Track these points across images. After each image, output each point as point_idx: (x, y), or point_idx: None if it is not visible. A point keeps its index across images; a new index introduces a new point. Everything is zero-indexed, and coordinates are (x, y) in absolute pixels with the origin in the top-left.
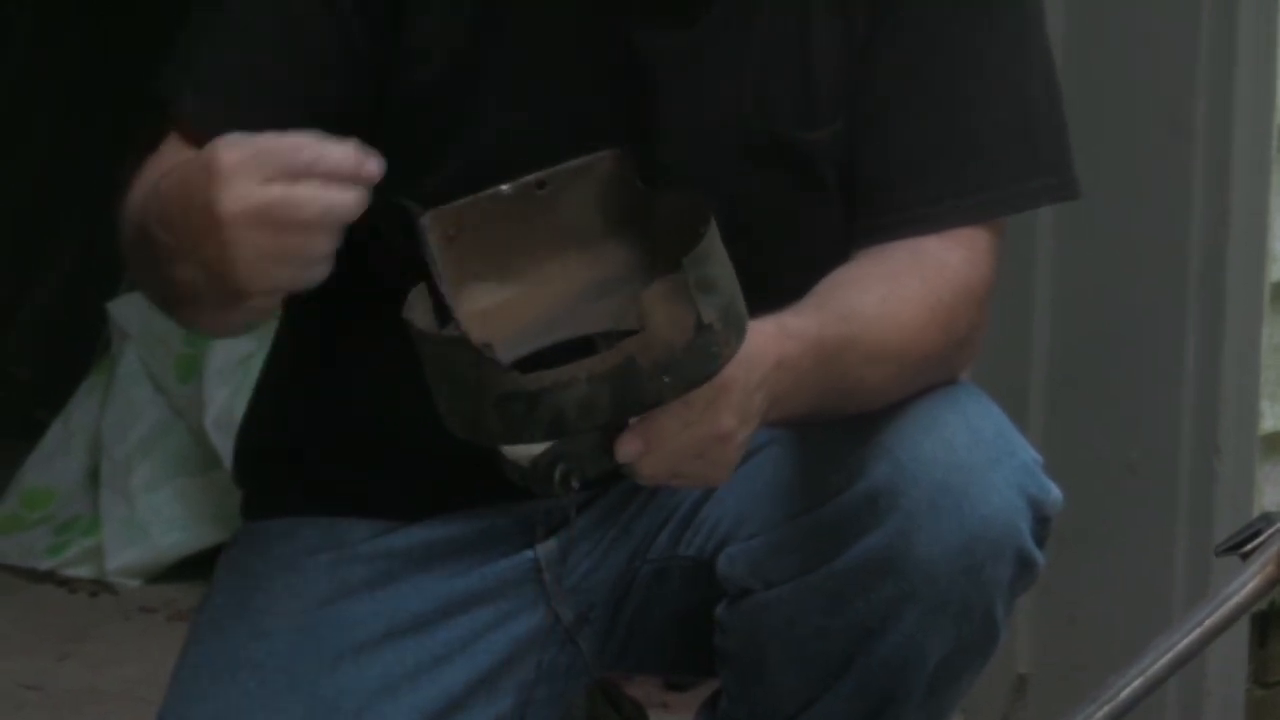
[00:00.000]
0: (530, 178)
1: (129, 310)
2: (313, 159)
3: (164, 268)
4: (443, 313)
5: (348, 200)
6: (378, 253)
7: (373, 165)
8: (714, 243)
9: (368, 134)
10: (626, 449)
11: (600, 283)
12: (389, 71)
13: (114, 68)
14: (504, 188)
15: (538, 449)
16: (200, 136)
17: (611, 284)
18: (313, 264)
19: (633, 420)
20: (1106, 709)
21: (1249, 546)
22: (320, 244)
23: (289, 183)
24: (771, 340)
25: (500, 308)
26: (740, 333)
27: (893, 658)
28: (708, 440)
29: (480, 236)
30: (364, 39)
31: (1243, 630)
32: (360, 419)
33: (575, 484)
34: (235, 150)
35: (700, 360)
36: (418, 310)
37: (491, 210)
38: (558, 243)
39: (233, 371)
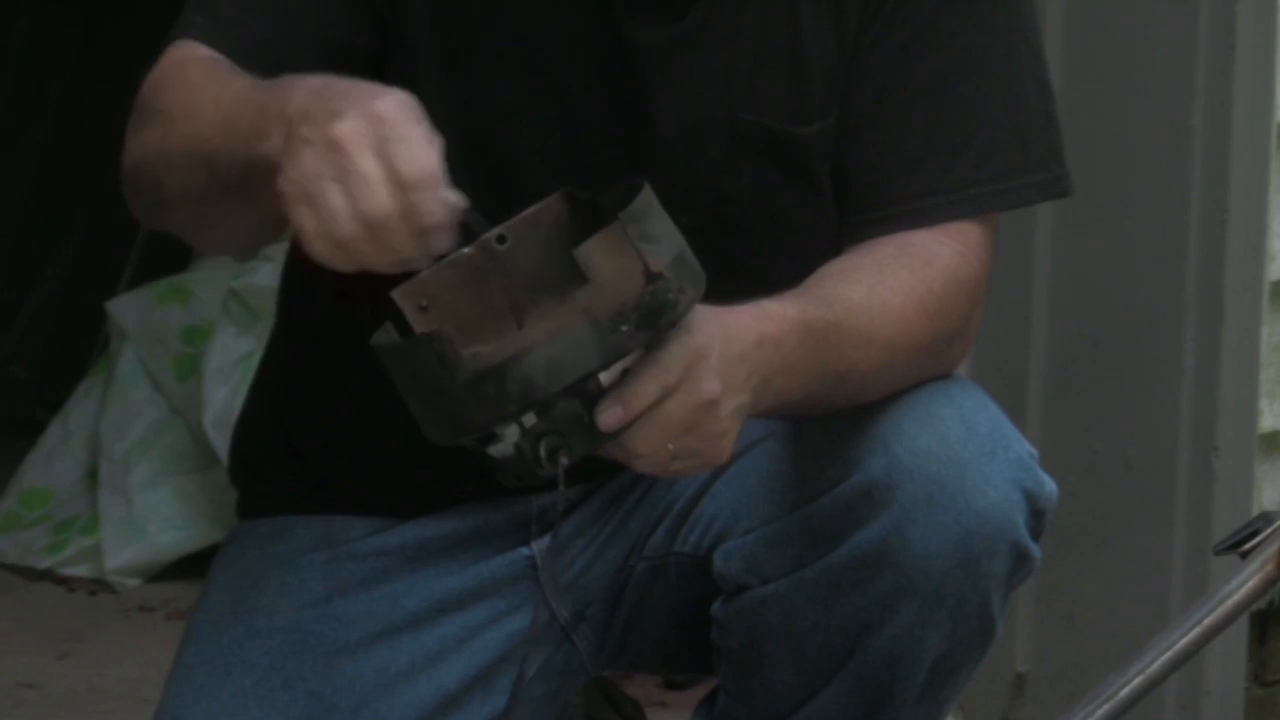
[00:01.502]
0: (489, 234)
1: (128, 310)
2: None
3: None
4: None
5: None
6: None
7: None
8: (651, 203)
9: None
10: (606, 417)
11: None
12: (383, 51)
13: (114, 68)
14: (466, 250)
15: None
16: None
17: None
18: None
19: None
20: (1106, 707)
21: (1248, 545)
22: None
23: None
24: (750, 319)
25: None
26: (696, 283)
27: (890, 652)
28: (695, 408)
29: (452, 302)
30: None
31: (1242, 629)
32: (355, 417)
33: (564, 460)
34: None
35: (657, 307)
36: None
37: (458, 275)
38: (529, 294)
39: (231, 370)
